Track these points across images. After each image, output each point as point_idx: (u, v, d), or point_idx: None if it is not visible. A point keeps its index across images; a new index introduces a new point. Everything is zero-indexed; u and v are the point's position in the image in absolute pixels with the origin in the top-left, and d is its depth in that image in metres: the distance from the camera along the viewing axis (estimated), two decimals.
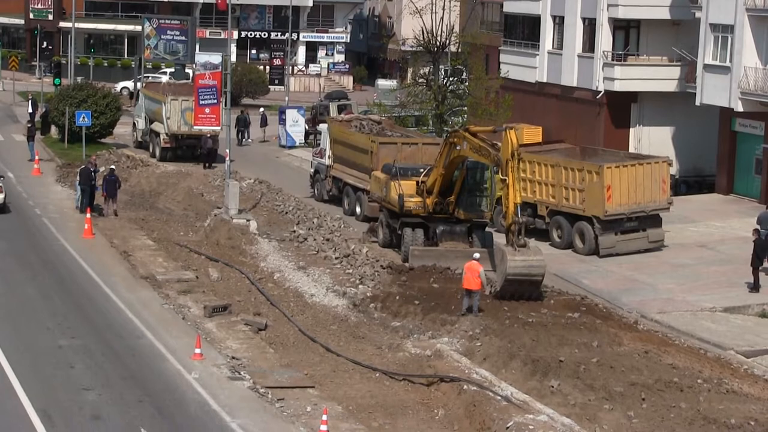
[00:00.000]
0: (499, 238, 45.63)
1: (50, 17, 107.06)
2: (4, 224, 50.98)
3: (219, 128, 64.19)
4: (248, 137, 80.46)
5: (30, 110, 79.44)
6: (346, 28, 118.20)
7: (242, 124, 78.64)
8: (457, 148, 44.19)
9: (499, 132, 43.67)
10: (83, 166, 55.05)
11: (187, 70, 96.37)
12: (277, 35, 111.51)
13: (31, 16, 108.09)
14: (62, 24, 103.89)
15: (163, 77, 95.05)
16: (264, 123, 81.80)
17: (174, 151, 67.69)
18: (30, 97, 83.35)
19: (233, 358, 35.16)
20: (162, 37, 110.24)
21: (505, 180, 41.10)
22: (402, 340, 37.22)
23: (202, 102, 62.39)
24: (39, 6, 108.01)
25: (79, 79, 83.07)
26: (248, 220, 50.86)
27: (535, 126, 67.08)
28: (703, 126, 62.63)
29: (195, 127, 64.35)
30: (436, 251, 45.96)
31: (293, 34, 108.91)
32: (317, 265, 45.59)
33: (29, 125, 70.66)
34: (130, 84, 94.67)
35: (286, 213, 54.45)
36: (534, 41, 71.72)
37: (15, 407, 30.12)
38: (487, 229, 48.01)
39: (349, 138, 56.95)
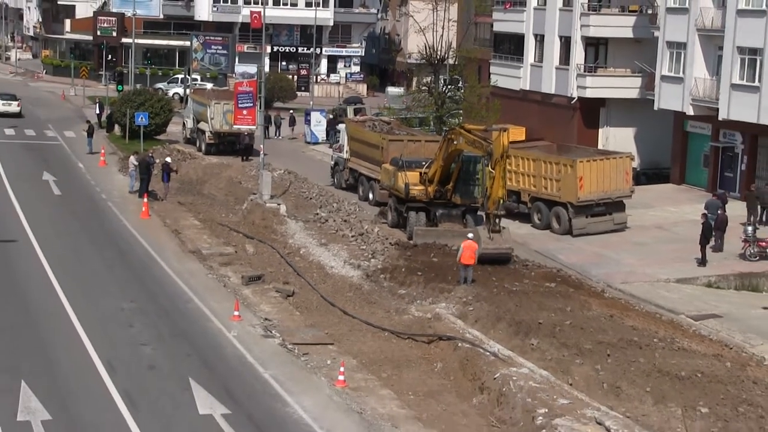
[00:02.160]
0: None
1: (114, 34, 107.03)
2: (76, 207, 51.07)
3: (254, 127, 64.35)
4: (279, 134, 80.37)
5: (97, 112, 79.56)
6: (361, 44, 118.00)
7: (267, 122, 78.45)
8: (455, 142, 44.32)
9: (489, 131, 43.70)
10: (141, 159, 55.17)
11: (192, 77, 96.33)
12: (303, 50, 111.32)
13: (99, 33, 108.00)
14: (124, 40, 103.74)
15: (208, 83, 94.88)
16: (292, 123, 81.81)
17: (217, 146, 67.73)
18: (97, 101, 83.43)
19: (266, 319, 35.27)
20: (207, 51, 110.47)
21: (493, 173, 41.40)
22: (407, 305, 37.31)
23: (240, 105, 62.50)
24: (105, 25, 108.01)
25: (138, 85, 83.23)
26: (279, 204, 50.92)
27: (519, 126, 67.08)
28: (660, 127, 62.55)
29: (234, 126, 64.63)
30: (436, 231, 46.01)
31: (317, 49, 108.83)
32: (336, 242, 45.61)
33: (89, 123, 70.80)
34: (179, 89, 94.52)
35: (311, 198, 54.49)
36: (519, 55, 71.66)
37: (84, 359, 30.32)
38: (479, 212, 48.03)
39: (364, 136, 56.98)
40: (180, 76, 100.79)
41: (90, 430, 25.52)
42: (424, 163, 47.71)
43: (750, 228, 44.67)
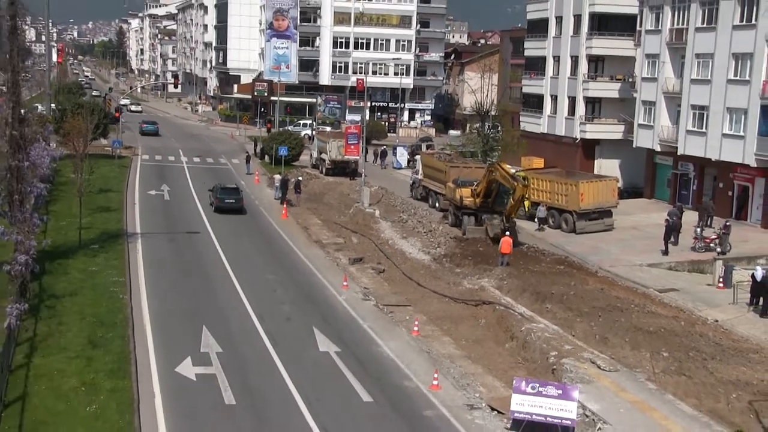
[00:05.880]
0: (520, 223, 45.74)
1: (266, 94, 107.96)
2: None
3: (358, 157, 64.60)
4: (377, 162, 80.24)
5: (253, 146, 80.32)
6: (431, 101, 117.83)
7: (373, 154, 78.59)
8: (493, 174, 44.31)
9: (517, 179, 43.92)
10: (282, 178, 55.81)
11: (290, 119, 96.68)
12: (391, 104, 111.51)
13: (255, 93, 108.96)
14: (272, 98, 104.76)
15: (327, 127, 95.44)
16: (384, 154, 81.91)
17: (333, 170, 67.91)
18: (254, 139, 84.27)
19: (365, 288, 35.48)
20: (327, 105, 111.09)
21: (511, 203, 42.83)
22: (461, 279, 37.26)
23: (349, 142, 62.78)
24: (260, 88, 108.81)
25: (281, 128, 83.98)
26: (374, 210, 51.17)
27: (539, 158, 66.85)
28: (637, 159, 61.80)
29: (345, 156, 64.90)
30: (481, 229, 45.80)
31: (401, 104, 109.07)
32: (413, 236, 45.69)
33: (247, 154, 71.68)
34: (309, 131, 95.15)
35: (396, 206, 54.60)
36: (539, 109, 71.20)
37: (243, 312, 30.78)
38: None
39: (433, 163, 56.85)
40: (302, 121, 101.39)
41: (246, 358, 25.91)
42: (474, 182, 47.59)
43: (699, 229, 44.10)
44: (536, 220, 48.27)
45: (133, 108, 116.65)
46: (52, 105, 71.58)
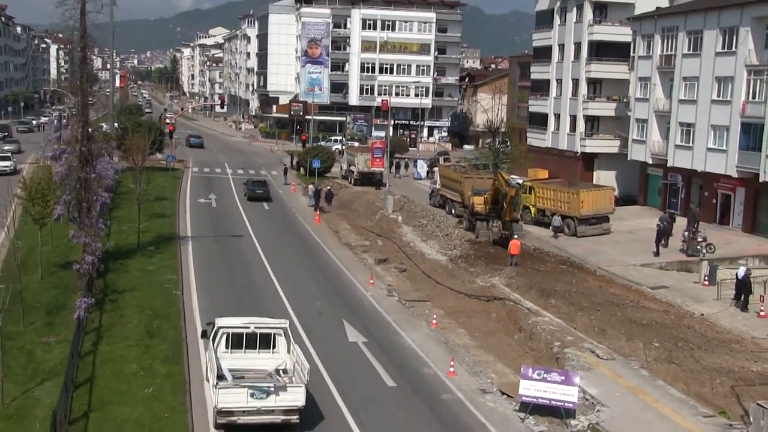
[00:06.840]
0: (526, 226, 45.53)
1: (301, 113, 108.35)
2: (277, 216, 51.92)
3: (383, 169, 64.62)
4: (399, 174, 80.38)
5: (290, 159, 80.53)
6: (448, 119, 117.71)
7: (393, 165, 78.53)
8: (496, 183, 44.37)
9: (511, 185, 43.97)
10: (315, 187, 56.01)
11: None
12: (412, 122, 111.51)
13: (292, 113, 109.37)
14: (307, 117, 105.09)
15: (356, 142, 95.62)
16: (406, 166, 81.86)
17: (360, 180, 68.08)
18: (290, 153, 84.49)
19: (389, 285, 35.48)
20: (355, 123, 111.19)
21: (504, 205, 43.23)
22: (474, 278, 37.28)
23: (375, 155, 62.69)
24: (296, 108, 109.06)
25: (314, 143, 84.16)
26: (397, 216, 51.19)
27: (544, 169, 66.64)
28: (631, 171, 61.50)
29: (371, 168, 64.91)
30: (492, 232, 45.77)
31: (421, 121, 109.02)
32: (432, 239, 45.71)
33: (284, 166, 72.01)
34: (339, 146, 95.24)
35: (417, 213, 54.60)
36: (544, 125, 70.98)
37: (281, 306, 30.83)
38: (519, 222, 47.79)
39: (449, 174, 56.92)
40: (333, 137, 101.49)
41: None
42: (486, 191, 47.51)
43: (687, 233, 43.81)
44: (551, 228, 48.10)
45: (168, 120, 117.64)
46: (115, 124, 72.25)
